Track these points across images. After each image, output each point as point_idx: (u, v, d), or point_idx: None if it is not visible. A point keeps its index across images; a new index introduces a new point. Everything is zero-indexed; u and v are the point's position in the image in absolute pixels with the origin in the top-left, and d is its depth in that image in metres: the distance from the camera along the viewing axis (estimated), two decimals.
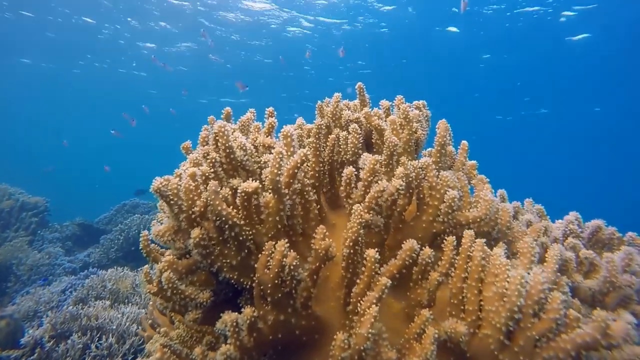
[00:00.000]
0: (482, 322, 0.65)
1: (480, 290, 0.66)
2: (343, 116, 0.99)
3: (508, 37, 9.37)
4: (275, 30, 10.05)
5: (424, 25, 9.28)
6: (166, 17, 9.69)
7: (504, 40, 9.51)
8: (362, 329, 0.61)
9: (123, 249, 4.17)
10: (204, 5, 9.09)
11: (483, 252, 0.67)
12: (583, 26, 8.69)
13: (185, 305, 0.76)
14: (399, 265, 0.70)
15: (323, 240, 0.68)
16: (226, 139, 0.77)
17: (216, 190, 0.69)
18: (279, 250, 0.67)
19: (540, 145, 17.10)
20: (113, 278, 2.66)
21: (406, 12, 8.94)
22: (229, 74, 12.11)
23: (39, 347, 1.95)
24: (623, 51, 9.22)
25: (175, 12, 9.40)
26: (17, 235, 4.34)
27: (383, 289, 0.63)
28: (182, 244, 0.76)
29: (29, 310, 2.69)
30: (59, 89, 15.02)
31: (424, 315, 0.67)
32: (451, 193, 0.77)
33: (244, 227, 0.72)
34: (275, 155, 0.70)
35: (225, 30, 10.15)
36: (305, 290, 0.70)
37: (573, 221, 0.99)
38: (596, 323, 0.58)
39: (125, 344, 1.98)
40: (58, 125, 23.97)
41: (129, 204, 5.39)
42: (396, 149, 0.84)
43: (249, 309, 0.67)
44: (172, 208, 0.73)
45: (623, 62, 9.57)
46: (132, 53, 11.61)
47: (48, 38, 10.73)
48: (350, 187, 0.82)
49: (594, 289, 0.83)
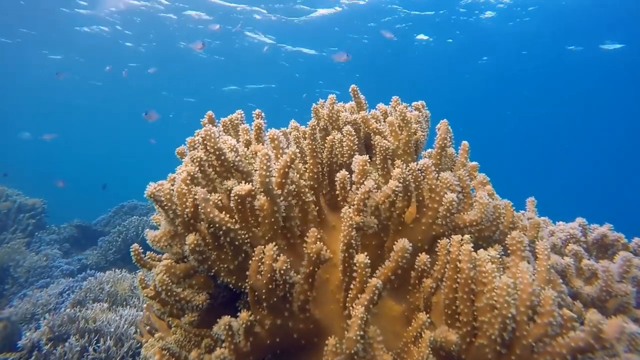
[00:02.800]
0: (478, 331, 0.64)
1: (472, 301, 0.65)
2: (341, 118, 0.99)
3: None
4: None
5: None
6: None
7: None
8: (351, 333, 0.60)
9: (121, 251, 4.15)
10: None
11: (471, 262, 0.64)
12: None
13: (181, 308, 0.75)
14: (392, 267, 0.69)
15: (314, 244, 0.68)
16: (214, 142, 0.76)
17: (205, 197, 0.68)
18: (268, 255, 0.66)
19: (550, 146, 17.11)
20: (111, 280, 2.66)
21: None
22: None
23: (36, 350, 1.94)
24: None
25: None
26: (15, 237, 4.33)
27: (374, 291, 0.63)
28: (179, 249, 0.76)
29: (27, 312, 2.68)
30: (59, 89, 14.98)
31: (421, 318, 0.67)
32: (449, 196, 0.76)
33: (239, 232, 0.71)
34: (262, 157, 0.69)
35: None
36: (302, 294, 0.69)
37: (576, 227, 0.99)
38: (589, 327, 0.58)
39: (123, 346, 1.97)
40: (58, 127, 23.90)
41: (127, 205, 5.37)
42: (388, 153, 0.83)
43: (245, 313, 0.67)
44: (167, 213, 0.73)
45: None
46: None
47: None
48: (345, 190, 0.82)
49: (592, 295, 0.83)
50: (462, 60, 10.57)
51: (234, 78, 13.04)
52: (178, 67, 12.10)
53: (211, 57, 11.55)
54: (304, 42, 10.23)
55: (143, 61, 11.76)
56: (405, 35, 9.57)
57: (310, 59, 11.14)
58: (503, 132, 16.34)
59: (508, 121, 15.11)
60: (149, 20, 9.70)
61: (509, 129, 15.98)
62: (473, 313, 0.64)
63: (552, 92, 11.94)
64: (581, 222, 1.02)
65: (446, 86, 12.03)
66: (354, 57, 4.95)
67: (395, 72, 11.34)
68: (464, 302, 0.65)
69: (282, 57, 11.07)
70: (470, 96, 12.72)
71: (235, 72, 12.14)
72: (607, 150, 16.19)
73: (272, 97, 14.26)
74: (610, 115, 12.79)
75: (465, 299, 0.65)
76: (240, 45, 10.51)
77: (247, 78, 12.91)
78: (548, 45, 9.53)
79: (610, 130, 13.99)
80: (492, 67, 10.95)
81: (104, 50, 11.14)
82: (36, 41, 10.78)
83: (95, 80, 13.69)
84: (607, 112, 12.58)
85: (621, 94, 11.15)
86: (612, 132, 14.10)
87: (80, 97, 15.68)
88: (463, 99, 12.91)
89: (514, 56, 10.27)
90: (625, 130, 13.56)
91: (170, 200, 0.72)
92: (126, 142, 28.27)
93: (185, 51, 10.84)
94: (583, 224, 1.02)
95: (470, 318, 0.64)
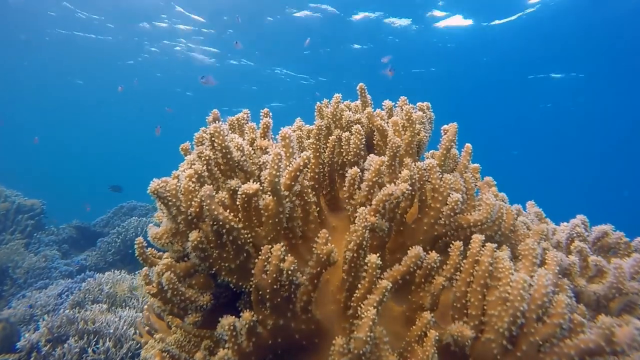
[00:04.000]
0: (485, 326, 0.64)
1: (484, 295, 0.65)
2: (344, 117, 0.98)
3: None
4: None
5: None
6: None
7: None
8: (361, 333, 0.60)
9: (120, 251, 4.14)
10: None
11: (492, 258, 0.66)
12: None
13: (184, 308, 0.74)
14: (403, 272, 0.69)
15: (325, 245, 0.67)
16: (222, 139, 0.75)
17: (211, 194, 0.68)
18: (275, 255, 0.65)
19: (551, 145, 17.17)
20: (110, 281, 2.64)
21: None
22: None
23: (35, 351, 1.93)
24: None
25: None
26: (13, 238, 4.31)
27: (384, 292, 0.62)
28: (180, 247, 0.75)
29: (25, 313, 2.66)
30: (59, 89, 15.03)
31: (426, 317, 0.66)
32: (454, 196, 0.76)
33: (242, 231, 0.71)
34: (273, 157, 0.69)
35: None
36: (306, 294, 0.69)
37: (579, 224, 0.98)
38: (601, 329, 0.57)
39: (122, 348, 1.96)
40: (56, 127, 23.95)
41: (127, 206, 5.36)
42: (399, 151, 0.83)
43: (247, 313, 0.66)
44: (170, 210, 0.72)
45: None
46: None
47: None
48: (353, 187, 0.81)
49: (599, 293, 0.83)
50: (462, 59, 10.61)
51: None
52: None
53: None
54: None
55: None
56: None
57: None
58: (503, 133, 16.39)
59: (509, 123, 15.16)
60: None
61: (510, 129, 16.01)
62: (483, 307, 0.65)
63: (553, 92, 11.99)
64: (583, 219, 1.01)
65: (446, 86, 12.06)
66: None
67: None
68: (475, 295, 0.66)
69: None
70: (470, 96, 12.76)
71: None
72: (607, 151, 16.24)
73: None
74: (610, 116, 12.83)
75: (478, 291, 0.66)
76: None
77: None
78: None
79: (610, 131, 14.02)
80: (492, 66, 10.98)
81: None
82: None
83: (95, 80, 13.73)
84: (607, 113, 12.61)
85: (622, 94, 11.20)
86: (612, 132, 14.13)
87: (81, 97, 15.72)
88: (463, 99, 12.95)
89: (514, 56, 10.30)
90: (625, 130, 13.60)
91: (175, 197, 0.71)
92: (126, 143, 28.29)
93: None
94: (585, 221, 1.01)
95: (479, 312, 0.65)
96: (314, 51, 10.37)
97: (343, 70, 11.04)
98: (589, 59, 9.72)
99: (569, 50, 9.53)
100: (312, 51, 10.33)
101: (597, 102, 11.90)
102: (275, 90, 13.21)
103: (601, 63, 9.77)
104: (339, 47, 10.20)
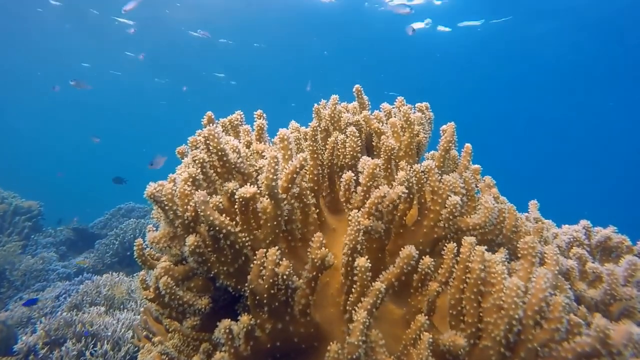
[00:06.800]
0: (482, 333, 0.63)
1: (479, 302, 0.64)
2: (342, 119, 0.98)
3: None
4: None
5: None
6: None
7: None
8: (353, 338, 0.59)
9: (118, 254, 4.13)
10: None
11: (482, 263, 0.64)
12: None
13: (183, 312, 0.74)
14: (396, 274, 0.68)
15: (319, 250, 0.66)
16: (217, 142, 0.74)
17: (205, 200, 0.66)
18: (271, 260, 0.65)
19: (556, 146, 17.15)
20: (108, 284, 2.64)
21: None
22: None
23: (32, 354, 1.92)
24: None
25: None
26: (10, 240, 4.29)
27: (377, 295, 0.62)
28: (178, 251, 0.74)
29: (23, 316, 2.65)
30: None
31: (420, 320, 0.66)
32: (453, 199, 0.75)
33: (240, 234, 0.70)
34: (270, 160, 0.68)
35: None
36: (304, 298, 0.68)
37: (580, 230, 0.98)
38: (596, 332, 0.57)
39: (120, 350, 1.95)
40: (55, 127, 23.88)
41: (125, 207, 5.34)
42: (393, 153, 0.82)
43: (245, 317, 0.65)
44: (167, 214, 0.72)
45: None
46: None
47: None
48: (349, 192, 0.81)
49: (596, 299, 0.83)
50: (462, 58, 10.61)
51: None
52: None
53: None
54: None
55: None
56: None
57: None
58: (503, 133, 16.41)
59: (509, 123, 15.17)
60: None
61: (509, 130, 16.03)
62: (479, 314, 0.64)
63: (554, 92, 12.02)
64: (585, 225, 1.01)
65: (444, 85, 12.07)
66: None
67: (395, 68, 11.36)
68: (470, 302, 0.64)
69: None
70: (471, 96, 12.78)
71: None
72: (608, 152, 16.27)
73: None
74: (612, 116, 12.86)
75: (472, 299, 0.64)
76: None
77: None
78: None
79: (611, 132, 14.06)
80: (492, 66, 11.00)
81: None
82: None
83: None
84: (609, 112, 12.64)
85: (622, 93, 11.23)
86: (613, 133, 14.16)
87: (79, 97, 15.66)
88: (462, 99, 12.96)
89: (515, 56, 10.32)
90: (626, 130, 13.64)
91: (172, 201, 0.71)
92: (125, 143, 28.22)
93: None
94: (587, 226, 1.01)
95: (475, 319, 0.64)
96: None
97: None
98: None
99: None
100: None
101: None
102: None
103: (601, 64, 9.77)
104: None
